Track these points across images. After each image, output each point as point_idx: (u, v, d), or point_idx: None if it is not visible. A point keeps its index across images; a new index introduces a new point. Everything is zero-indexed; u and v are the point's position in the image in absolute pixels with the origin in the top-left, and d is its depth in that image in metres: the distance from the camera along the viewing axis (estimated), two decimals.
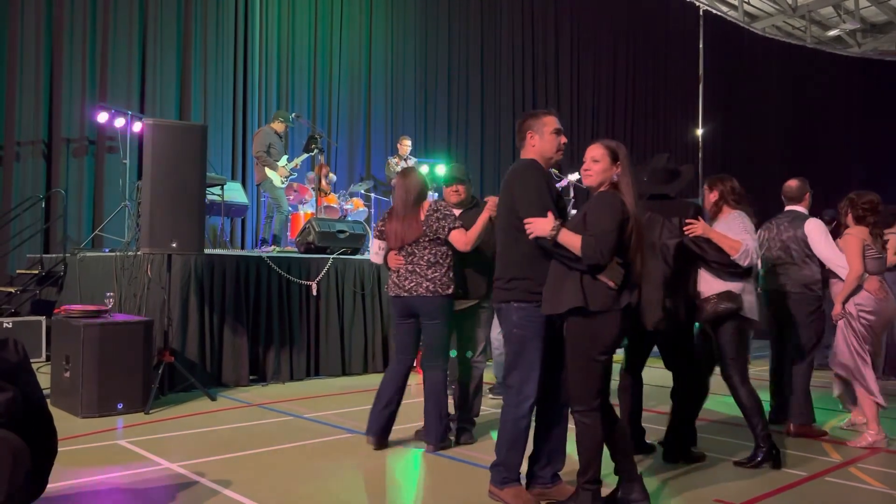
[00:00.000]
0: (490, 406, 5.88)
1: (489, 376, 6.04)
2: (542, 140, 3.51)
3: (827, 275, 4.96)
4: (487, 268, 4.41)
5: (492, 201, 4.32)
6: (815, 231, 4.92)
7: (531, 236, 3.19)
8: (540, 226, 3.16)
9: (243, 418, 5.29)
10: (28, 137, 8.93)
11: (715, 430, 5.10)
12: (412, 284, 4.31)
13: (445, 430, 4.44)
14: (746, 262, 4.11)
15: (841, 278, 4.79)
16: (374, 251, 4.67)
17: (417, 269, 4.33)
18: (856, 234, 4.74)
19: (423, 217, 4.36)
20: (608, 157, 3.27)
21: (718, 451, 4.51)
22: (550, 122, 3.52)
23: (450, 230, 4.35)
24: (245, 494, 3.56)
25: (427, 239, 4.34)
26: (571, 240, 3.12)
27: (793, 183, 5.22)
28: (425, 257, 4.34)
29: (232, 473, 3.89)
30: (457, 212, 4.60)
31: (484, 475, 3.59)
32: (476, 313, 4.67)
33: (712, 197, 4.45)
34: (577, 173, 11.68)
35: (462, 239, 4.33)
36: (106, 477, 3.81)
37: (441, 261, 4.36)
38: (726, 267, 4.13)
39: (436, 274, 4.32)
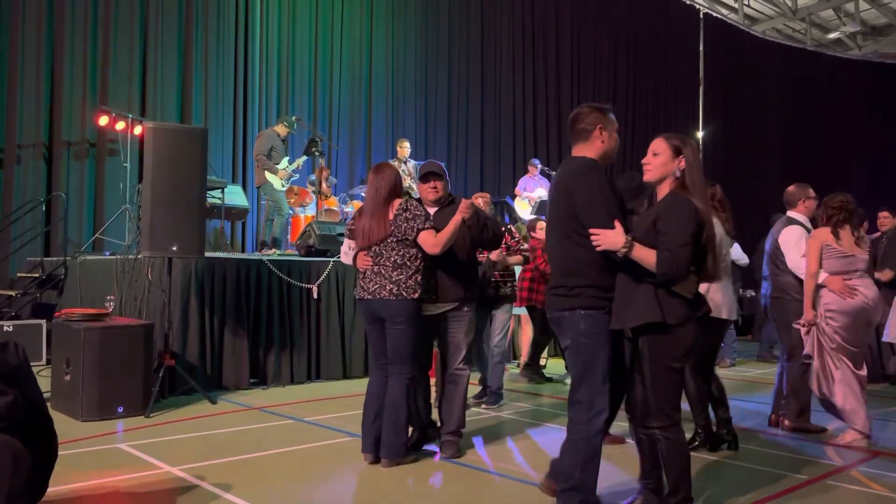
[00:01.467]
0: (482, 409, 5.87)
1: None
2: (609, 139, 3.27)
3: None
4: (461, 270, 4.35)
5: (465, 203, 4.17)
6: (784, 238, 5.10)
7: (599, 248, 2.98)
8: (610, 240, 2.95)
9: (244, 422, 5.29)
10: (29, 140, 8.94)
11: None
12: (375, 287, 4.09)
13: (404, 445, 4.13)
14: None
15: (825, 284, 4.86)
16: (344, 251, 4.52)
17: (383, 271, 4.10)
18: (815, 235, 4.85)
19: (391, 216, 4.11)
20: (669, 150, 3.15)
21: (721, 453, 4.50)
22: (615, 122, 3.32)
23: (418, 231, 4.10)
24: (245, 498, 3.55)
25: (395, 239, 4.10)
26: (645, 255, 2.94)
27: (790, 188, 5.32)
28: (392, 258, 4.11)
29: (232, 477, 3.89)
30: (433, 209, 4.42)
31: (487, 477, 3.58)
32: (457, 318, 4.39)
33: None
34: None
35: (431, 241, 4.09)
36: (106, 480, 3.81)
37: (408, 263, 4.11)
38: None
39: (401, 276, 4.08)
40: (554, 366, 8.11)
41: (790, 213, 5.22)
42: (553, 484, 3.29)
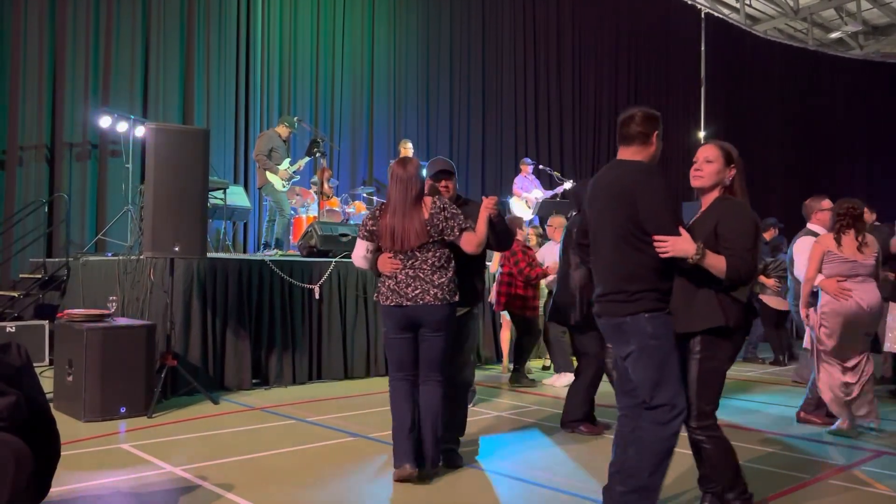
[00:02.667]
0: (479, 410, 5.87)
1: None
2: (658, 145, 3.22)
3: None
4: (476, 271, 4.21)
5: (490, 200, 4.00)
6: (794, 248, 5.58)
7: (665, 255, 2.94)
8: (681, 247, 2.92)
9: (246, 422, 5.29)
10: (31, 142, 8.96)
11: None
12: (417, 292, 3.80)
13: (439, 452, 3.95)
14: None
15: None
16: (362, 254, 4.06)
17: (421, 275, 3.83)
18: (818, 241, 5.09)
19: (426, 215, 3.85)
20: (722, 157, 3.15)
21: None
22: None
23: (461, 231, 3.87)
24: (247, 498, 3.56)
25: (431, 240, 3.85)
26: (716, 262, 2.93)
27: (806, 201, 5.81)
28: (429, 261, 3.85)
29: (234, 477, 3.89)
30: None
31: (492, 478, 3.58)
32: (468, 320, 4.24)
33: None
34: (571, 181, 11.70)
35: (474, 241, 3.89)
36: (108, 481, 3.82)
37: (446, 265, 3.89)
38: None
39: (442, 280, 3.84)
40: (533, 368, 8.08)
41: (808, 225, 5.68)
42: None
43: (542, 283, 7.27)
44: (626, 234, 3.05)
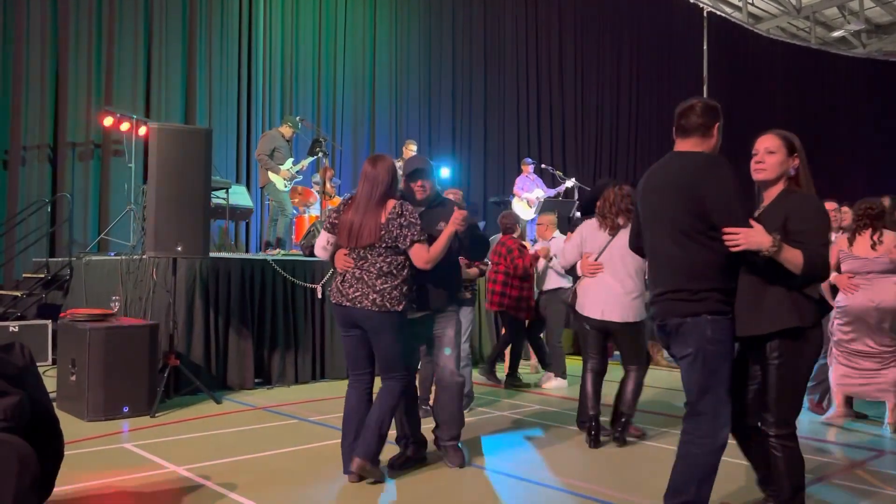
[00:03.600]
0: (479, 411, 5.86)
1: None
2: (718, 138, 3.08)
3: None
4: (444, 276, 4.01)
5: (459, 215, 3.85)
6: None
7: (736, 248, 2.77)
8: (756, 239, 2.73)
9: (248, 421, 5.30)
10: (34, 142, 8.97)
11: None
12: (357, 294, 3.72)
13: (379, 449, 3.79)
14: (561, 264, 5.05)
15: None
16: (322, 245, 3.99)
17: (365, 277, 3.73)
18: (835, 242, 5.28)
19: (384, 219, 3.73)
20: (784, 148, 2.99)
21: (725, 453, 4.48)
22: None
23: (412, 242, 3.74)
24: (250, 498, 3.56)
25: (384, 245, 3.74)
26: (793, 256, 2.75)
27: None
28: (377, 265, 3.74)
29: (237, 477, 3.90)
30: (419, 209, 3.99)
31: (495, 478, 3.57)
32: (443, 317, 4.10)
33: None
34: (573, 179, 11.71)
35: (424, 256, 3.76)
36: (112, 480, 3.82)
37: (395, 272, 3.76)
38: None
39: (385, 286, 3.72)
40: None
41: None
42: None
43: (538, 267, 6.98)
44: (690, 229, 2.90)
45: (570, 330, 7.95)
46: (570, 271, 5.08)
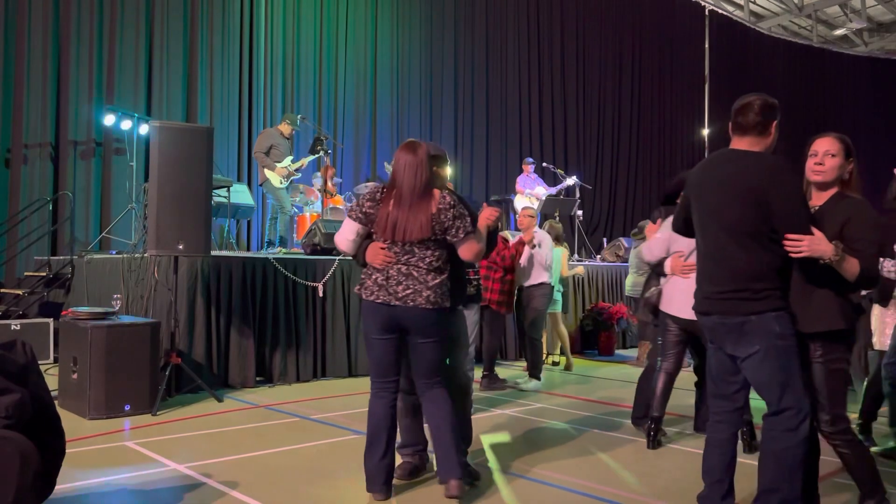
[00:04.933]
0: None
1: None
2: (775, 136, 3.05)
3: None
4: (460, 275, 3.82)
5: (492, 212, 3.70)
6: None
7: (798, 255, 2.81)
8: (820, 248, 2.79)
9: (250, 420, 5.30)
10: (35, 140, 8.98)
11: None
12: (408, 292, 3.42)
13: (464, 460, 3.60)
14: (646, 259, 4.80)
15: None
16: (348, 237, 3.57)
17: (415, 273, 3.44)
18: None
19: (434, 209, 3.45)
20: (843, 151, 3.02)
21: None
22: None
23: (466, 234, 3.48)
24: (252, 496, 3.56)
25: (433, 238, 3.46)
26: (851, 265, 2.84)
27: None
28: (426, 259, 3.46)
29: (239, 475, 3.90)
30: None
31: (498, 478, 3.56)
32: (458, 320, 3.97)
33: None
34: (574, 177, 11.71)
35: (475, 249, 3.53)
36: (113, 478, 3.83)
37: (443, 266, 3.52)
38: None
39: (437, 281, 3.46)
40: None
41: None
42: None
43: (522, 257, 6.70)
44: (755, 231, 2.90)
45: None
46: (659, 267, 4.77)
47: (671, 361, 4.67)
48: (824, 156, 3.02)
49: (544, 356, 7.90)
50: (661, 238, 4.66)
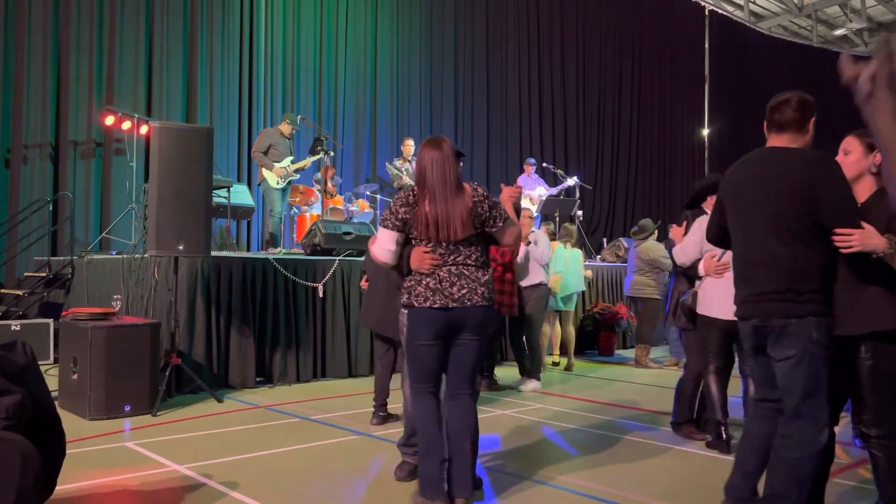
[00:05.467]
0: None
1: None
2: (812, 133, 3.03)
3: None
4: None
5: (513, 190, 3.64)
6: None
7: (849, 250, 2.78)
8: (872, 242, 2.76)
9: (250, 420, 5.30)
10: (35, 140, 8.98)
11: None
12: (465, 291, 3.29)
13: (475, 475, 3.48)
14: (679, 261, 4.70)
15: None
16: (388, 247, 3.40)
17: (466, 272, 3.32)
18: None
19: (470, 203, 3.33)
20: (861, 147, 3.02)
21: (728, 452, 4.49)
22: None
23: (504, 221, 3.41)
24: (252, 496, 3.56)
25: (474, 234, 3.36)
26: None
27: None
28: (473, 256, 3.36)
29: (239, 475, 3.90)
30: None
31: (498, 477, 3.56)
32: None
33: None
34: (575, 178, 11.72)
35: (516, 232, 3.47)
36: (113, 479, 3.82)
37: (487, 261, 3.44)
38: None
39: (487, 277, 3.37)
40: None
41: None
42: None
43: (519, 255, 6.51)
44: (800, 227, 2.86)
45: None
46: (691, 269, 4.69)
47: (720, 363, 4.54)
48: (840, 154, 3.04)
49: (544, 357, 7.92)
50: (694, 240, 4.56)
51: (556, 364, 8.21)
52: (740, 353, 4.50)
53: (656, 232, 8.61)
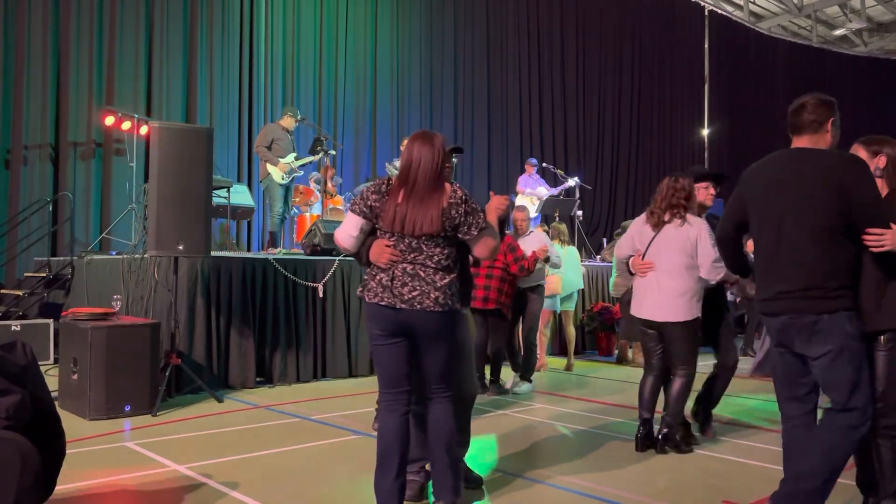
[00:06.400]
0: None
1: None
2: (834, 133, 3.07)
3: None
4: (466, 268, 3.57)
5: (499, 201, 3.49)
6: None
7: (880, 249, 2.86)
8: None
9: (250, 420, 5.30)
10: (35, 141, 8.98)
11: (725, 429, 5.07)
12: (415, 293, 3.13)
13: (461, 480, 3.35)
14: (616, 256, 4.75)
15: None
16: (350, 232, 3.27)
17: (422, 273, 3.16)
18: None
19: (445, 204, 3.17)
20: (865, 152, 3.12)
21: (728, 452, 4.49)
22: None
23: (479, 232, 3.23)
24: (252, 496, 3.56)
25: (442, 235, 3.18)
26: None
27: None
28: (435, 257, 3.18)
29: (239, 475, 3.90)
30: None
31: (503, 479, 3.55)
32: (465, 323, 3.69)
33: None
34: (575, 178, 11.72)
35: (490, 245, 3.29)
36: (114, 479, 3.82)
37: (452, 265, 3.25)
38: None
39: (446, 281, 3.18)
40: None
41: None
42: None
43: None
44: (831, 226, 2.90)
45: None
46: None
47: (653, 363, 4.59)
48: None
49: (544, 358, 7.91)
50: (626, 237, 4.64)
51: (568, 369, 8.04)
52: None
53: None
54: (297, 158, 8.59)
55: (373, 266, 3.25)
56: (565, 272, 7.83)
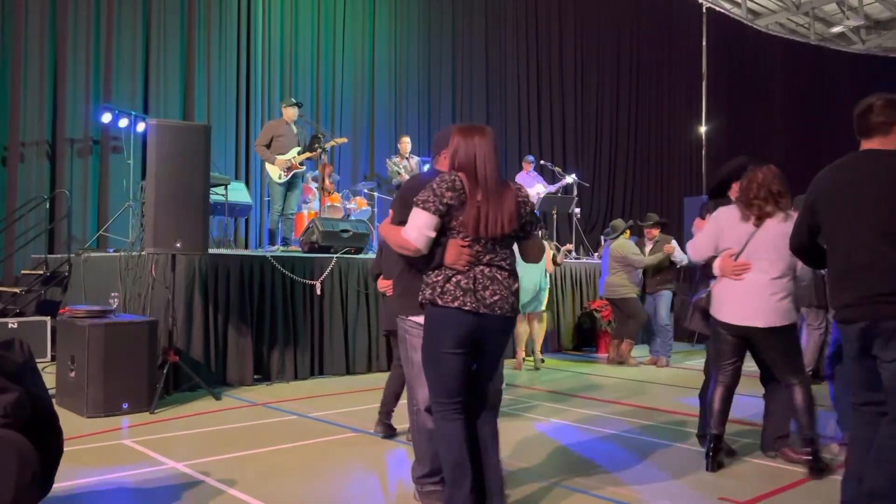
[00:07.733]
0: None
1: None
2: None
3: None
4: None
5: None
6: None
7: None
8: None
9: (248, 418, 5.30)
10: (32, 138, 8.96)
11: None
12: (496, 298, 2.95)
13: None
14: (692, 258, 4.33)
15: None
16: (426, 233, 2.96)
17: (499, 277, 2.98)
18: None
19: (516, 202, 3.05)
20: None
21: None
22: None
23: (538, 228, 3.17)
24: (250, 494, 3.56)
25: (511, 235, 3.05)
26: None
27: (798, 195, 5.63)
28: (507, 259, 3.04)
29: (237, 473, 3.90)
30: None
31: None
32: None
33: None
34: (573, 175, 11.72)
35: (541, 247, 3.23)
36: (111, 476, 3.82)
37: (516, 269, 3.11)
38: None
39: (516, 286, 3.05)
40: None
41: None
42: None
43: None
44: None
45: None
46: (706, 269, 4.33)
47: (728, 373, 4.15)
48: None
49: (522, 357, 7.84)
50: (707, 233, 4.15)
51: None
52: (759, 363, 4.25)
53: (628, 231, 8.57)
54: (300, 153, 8.47)
55: (443, 269, 2.97)
56: (521, 279, 7.61)
